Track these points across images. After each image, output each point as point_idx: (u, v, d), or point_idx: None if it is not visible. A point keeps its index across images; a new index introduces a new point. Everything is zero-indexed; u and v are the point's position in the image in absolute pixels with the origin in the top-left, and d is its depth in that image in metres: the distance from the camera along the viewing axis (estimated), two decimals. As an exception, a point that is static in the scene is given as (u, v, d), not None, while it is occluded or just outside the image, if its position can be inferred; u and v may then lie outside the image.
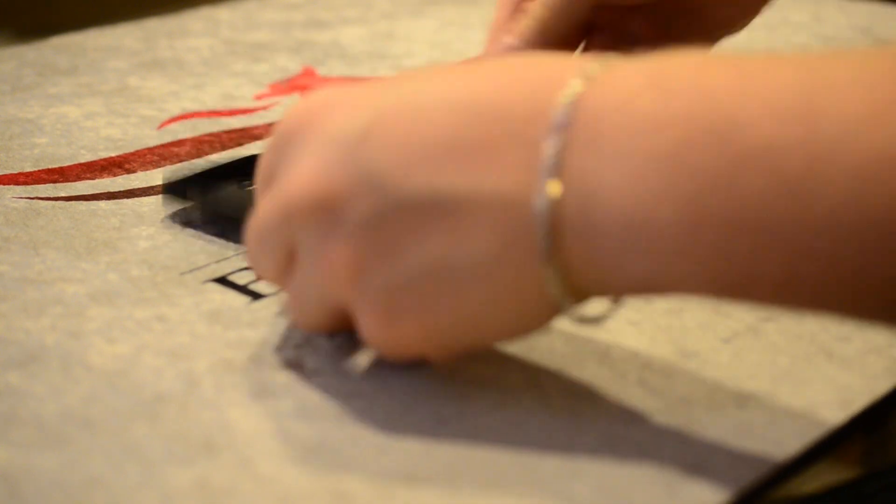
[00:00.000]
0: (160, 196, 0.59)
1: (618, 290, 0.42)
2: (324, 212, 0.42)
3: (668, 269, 0.39)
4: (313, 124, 0.43)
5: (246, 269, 0.54)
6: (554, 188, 0.39)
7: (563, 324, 0.50)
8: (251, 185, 0.60)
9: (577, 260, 0.40)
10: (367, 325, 0.43)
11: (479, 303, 0.41)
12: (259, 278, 0.49)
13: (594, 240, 0.39)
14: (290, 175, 0.43)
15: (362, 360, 0.47)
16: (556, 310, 0.42)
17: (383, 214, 0.41)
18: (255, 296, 0.52)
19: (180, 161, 0.66)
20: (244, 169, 0.61)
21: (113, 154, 0.67)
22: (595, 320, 0.43)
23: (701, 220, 0.38)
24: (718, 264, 0.38)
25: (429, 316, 0.42)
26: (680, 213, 0.38)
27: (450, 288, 0.41)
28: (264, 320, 0.50)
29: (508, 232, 0.40)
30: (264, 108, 0.74)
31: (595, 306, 0.43)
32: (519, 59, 0.43)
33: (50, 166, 0.65)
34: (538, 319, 0.42)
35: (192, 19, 0.91)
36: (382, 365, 0.47)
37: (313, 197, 0.42)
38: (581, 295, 0.41)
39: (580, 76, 0.40)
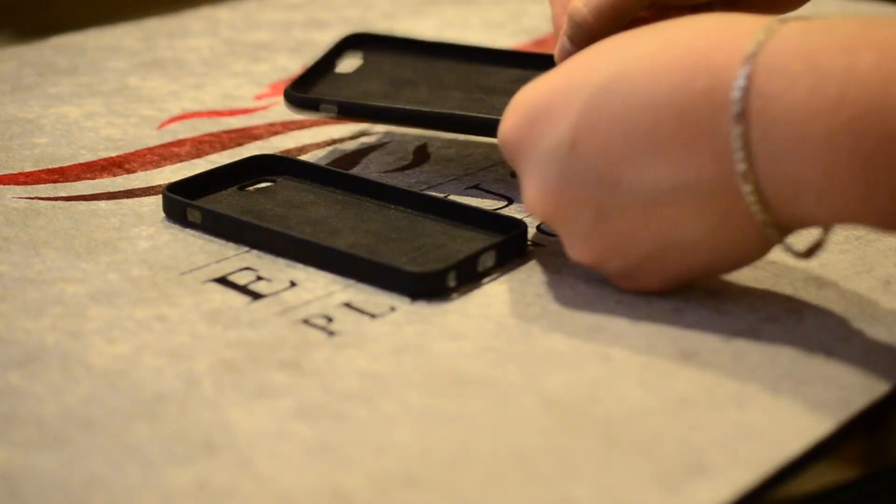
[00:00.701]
0: (160, 196, 0.59)
1: (803, 220, 0.47)
2: (562, 225, 0.51)
3: (831, 203, 0.46)
4: (525, 144, 0.50)
5: (246, 269, 0.54)
6: (747, 182, 0.46)
7: (563, 323, 0.50)
8: (251, 186, 0.61)
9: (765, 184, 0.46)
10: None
11: (705, 262, 0.50)
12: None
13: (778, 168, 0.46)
14: (525, 196, 0.51)
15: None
16: (765, 240, 0.48)
17: (607, 214, 0.49)
18: (255, 296, 0.52)
19: (180, 161, 0.66)
20: (244, 171, 0.61)
21: (113, 154, 0.67)
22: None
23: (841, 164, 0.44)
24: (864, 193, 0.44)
25: (664, 282, 0.51)
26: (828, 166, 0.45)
27: (681, 255, 0.49)
28: (264, 320, 0.50)
29: (720, 210, 0.47)
30: (264, 108, 0.74)
31: (802, 240, 0.50)
32: (687, 56, 0.47)
33: (50, 166, 0.65)
34: (751, 249, 0.49)
35: (192, 19, 0.91)
36: (380, 366, 0.47)
37: (549, 217, 0.51)
38: (782, 228, 0.47)
39: (744, 69, 0.45)
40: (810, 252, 0.49)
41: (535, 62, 0.68)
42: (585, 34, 0.56)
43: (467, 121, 0.61)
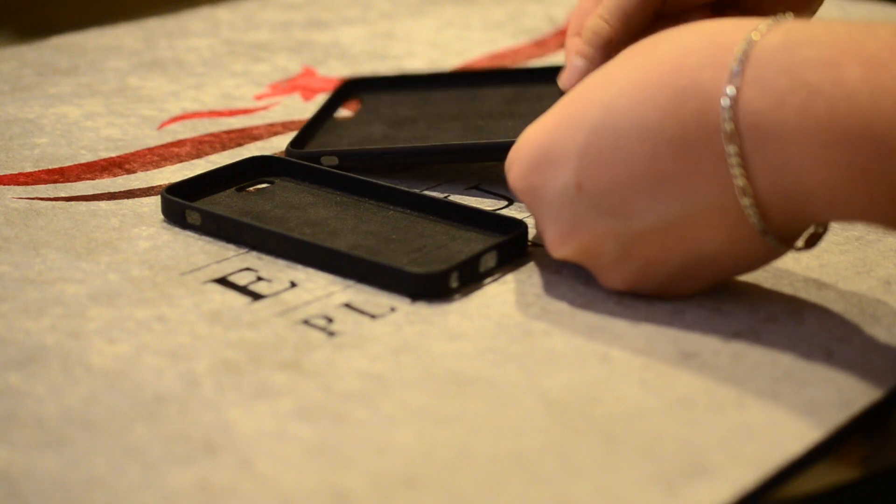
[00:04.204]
0: (160, 196, 0.59)
1: (809, 222, 0.48)
2: (588, 260, 0.51)
3: (833, 210, 0.46)
4: (535, 191, 0.51)
5: (246, 269, 0.54)
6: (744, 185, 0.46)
7: (563, 324, 0.50)
8: (249, 187, 0.61)
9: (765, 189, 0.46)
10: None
11: (731, 267, 0.50)
12: None
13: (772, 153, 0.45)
14: (545, 240, 0.52)
15: None
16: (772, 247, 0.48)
17: (628, 243, 0.49)
18: (256, 296, 0.52)
19: (180, 161, 0.66)
20: (243, 172, 0.61)
21: (113, 154, 0.67)
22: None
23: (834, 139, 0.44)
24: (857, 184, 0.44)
25: (700, 288, 0.52)
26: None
27: (708, 265, 0.50)
28: (264, 320, 0.50)
29: (731, 224, 0.47)
30: (264, 108, 0.74)
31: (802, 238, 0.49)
32: (673, 80, 0.47)
33: (50, 166, 0.65)
34: (769, 253, 0.49)
35: (192, 19, 0.91)
36: (380, 366, 0.47)
37: (573, 256, 0.51)
38: (787, 233, 0.48)
39: (730, 88, 0.45)
40: (810, 243, 0.49)
41: (526, 77, 0.69)
42: (605, 41, 0.58)
43: (467, 149, 0.62)
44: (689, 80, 0.46)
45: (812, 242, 0.50)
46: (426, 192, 0.61)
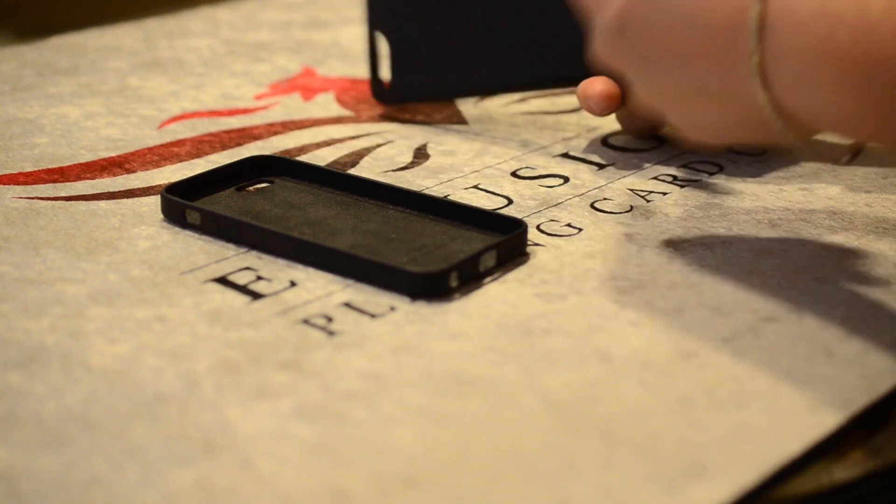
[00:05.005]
0: (160, 196, 0.59)
1: (815, 129, 0.50)
2: (622, 75, 0.54)
3: (843, 130, 0.49)
4: (591, 11, 0.54)
5: (246, 268, 0.54)
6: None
7: (563, 324, 0.50)
8: (249, 187, 0.61)
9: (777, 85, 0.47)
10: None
11: (742, 136, 0.53)
12: None
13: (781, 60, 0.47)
14: (594, 47, 0.54)
15: None
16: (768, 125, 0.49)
17: (654, 92, 0.52)
18: (255, 296, 0.52)
19: (180, 161, 0.66)
20: (242, 172, 0.61)
21: (113, 154, 0.67)
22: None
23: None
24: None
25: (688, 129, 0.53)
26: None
27: (718, 127, 0.51)
28: (264, 320, 0.50)
29: (742, 110, 0.49)
30: (264, 108, 0.74)
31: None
32: None
33: (50, 166, 0.65)
34: (756, 130, 0.50)
35: (192, 19, 0.91)
36: (380, 366, 0.47)
37: (609, 70, 0.54)
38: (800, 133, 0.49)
39: (757, 7, 0.47)
40: (851, 159, 0.52)
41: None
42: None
43: None
44: None
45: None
46: (426, 192, 0.61)
